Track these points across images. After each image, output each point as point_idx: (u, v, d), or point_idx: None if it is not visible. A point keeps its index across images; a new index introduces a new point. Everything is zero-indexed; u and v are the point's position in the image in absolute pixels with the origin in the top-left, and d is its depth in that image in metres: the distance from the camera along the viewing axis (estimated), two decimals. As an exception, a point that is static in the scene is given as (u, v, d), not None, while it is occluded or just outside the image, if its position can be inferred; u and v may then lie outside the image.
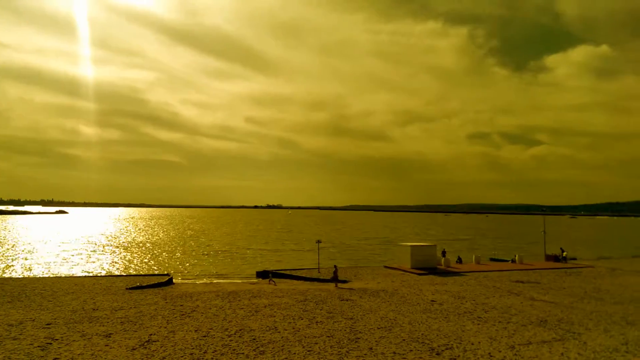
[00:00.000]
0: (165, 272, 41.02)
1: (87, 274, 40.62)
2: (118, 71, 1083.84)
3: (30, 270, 43.35)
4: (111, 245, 72.27)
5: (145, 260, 53.36)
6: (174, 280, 35.71)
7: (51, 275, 39.38)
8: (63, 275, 39.22)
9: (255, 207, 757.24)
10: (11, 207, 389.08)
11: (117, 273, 41.84)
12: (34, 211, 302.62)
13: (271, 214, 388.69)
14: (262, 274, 39.59)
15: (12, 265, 46.47)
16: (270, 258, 57.01)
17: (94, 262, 50.71)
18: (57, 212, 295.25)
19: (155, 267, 46.72)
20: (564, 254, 50.22)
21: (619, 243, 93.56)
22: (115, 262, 50.69)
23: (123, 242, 77.54)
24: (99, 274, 40.70)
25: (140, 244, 74.29)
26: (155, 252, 62.46)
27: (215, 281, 37.48)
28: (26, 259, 51.69)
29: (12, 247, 66.14)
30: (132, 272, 42.89)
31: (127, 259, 54.51)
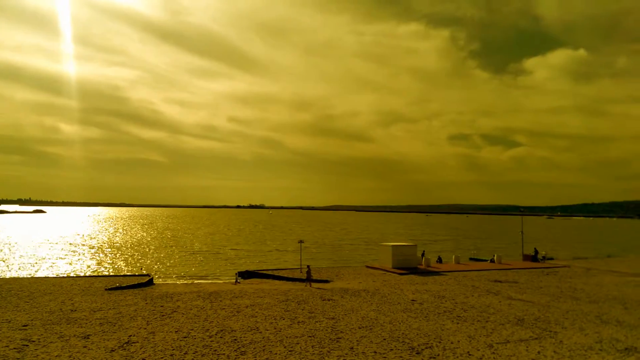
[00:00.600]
0: (146, 273, 40.57)
1: (65, 275, 39.90)
2: (100, 69, 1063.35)
3: (6, 270, 42.41)
4: (90, 245, 71.11)
5: (125, 260, 52.68)
6: (154, 281, 35.37)
7: (28, 276, 38.60)
8: (40, 276, 38.49)
9: (238, 207, 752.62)
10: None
11: (95, 274, 41.23)
12: (10, 210, 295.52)
13: (254, 214, 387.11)
14: (244, 274, 39.50)
15: (-13, 266, 45.40)
16: (253, 258, 56.83)
17: (72, 262, 49.85)
18: (34, 212, 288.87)
19: (135, 268, 46.16)
20: (543, 253, 51.38)
21: (594, 243, 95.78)
22: (94, 263, 49.92)
23: (102, 242, 76.37)
24: (77, 275, 40.02)
25: (120, 244, 73.27)
26: (136, 252, 61.69)
27: (196, 281, 37.22)
28: (1, 260, 50.56)
29: (-13, 247, 64.57)
30: (111, 272, 42.32)
31: (106, 259, 53.73)
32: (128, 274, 40.58)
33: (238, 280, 35.30)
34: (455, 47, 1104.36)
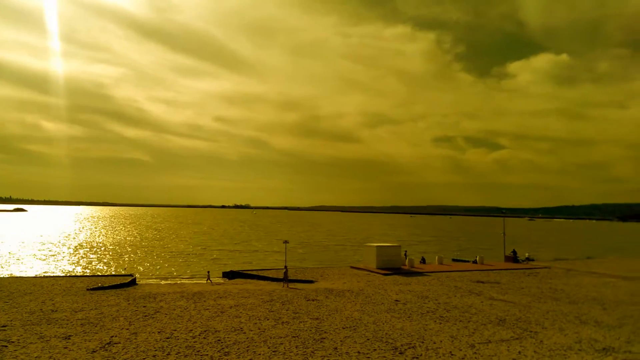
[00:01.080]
0: (128, 273, 40.11)
1: (45, 275, 39.26)
2: (84, 66, 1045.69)
3: (-16, 270, 41.56)
4: (72, 245, 70.06)
5: (108, 260, 52.03)
6: (137, 281, 34.99)
7: (7, 276, 37.85)
8: (20, 276, 37.80)
9: (223, 207, 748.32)
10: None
11: (77, 273, 40.63)
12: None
13: (238, 214, 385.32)
14: (229, 275, 39.33)
15: (-36, 265, 44.44)
16: (238, 259, 56.60)
17: (53, 262, 49.07)
18: (15, 210, 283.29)
19: (117, 268, 45.62)
20: (527, 254, 52.34)
21: (574, 245, 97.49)
22: (76, 263, 49.21)
23: (84, 242, 75.30)
24: (58, 275, 39.37)
25: (103, 244, 72.33)
26: (118, 252, 60.97)
27: (179, 282, 36.93)
28: (-21, 259, 49.52)
29: (-36, 246, 63.19)
30: (93, 272, 41.75)
31: (88, 259, 53.00)
32: (110, 274, 40.10)
33: (210, 280, 35.37)
34: (440, 50, 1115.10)
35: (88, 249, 63.29)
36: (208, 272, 37.79)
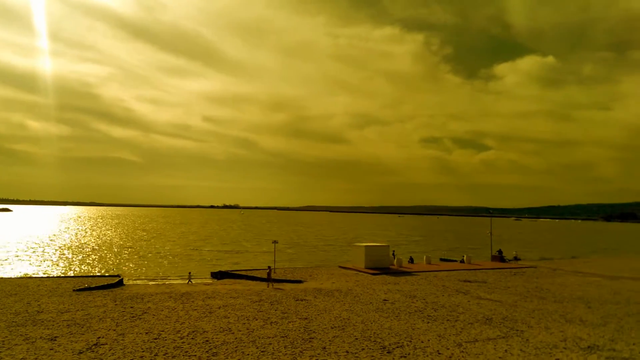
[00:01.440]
0: (115, 273, 39.74)
1: (31, 275, 38.74)
2: (70, 65, 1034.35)
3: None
4: (58, 245, 69.18)
5: (94, 261, 51.49)
6: (124, 282, 34.69)
7: (-10, 277, 37.28)
8: (5, 276, 37.22)
9: (212, 206, 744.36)
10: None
11: (63, 274, 40.14)
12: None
13: (227, 214, 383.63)
14: (217, 275, 39.17)
15: (-53, 266, 43.63)
16: (227, 259, 56.38)
17: (38, 262, 48.43)
18: (0, 210, 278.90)
19: (104, 268, 45.17)
20: (514, 253, 53.07)
21: (560, 245, 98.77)
22: (62, 263, 48.62)
23: (71, 242, 74.40)
24: (44, 275, 38.89)
25: (90, 244, 71.54)
26: (105, 252, 60.36)
27: (168, 282, 36.68)
28: (-38, 260, 48.70)
29: (-53, 246, 62.05)
30: (79, 273, 41.28)
31: (74, 259, 52.39)
32: (97, 274, 39.69)
33: (190, 281, 35.21)
34: (428, 51, 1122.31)
35: (74, 250, 62.54)
36: (189, 272, 37.61)
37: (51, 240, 77.66)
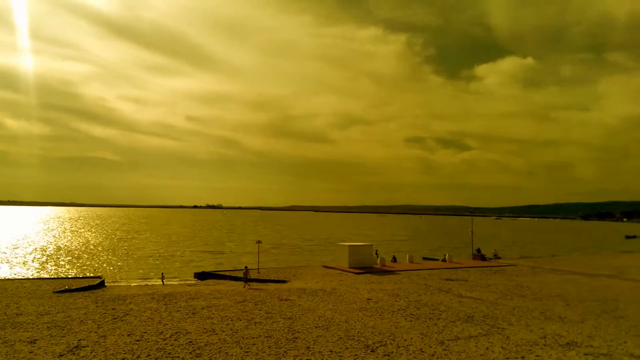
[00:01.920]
0: (97, 275, 39.17)
1: (10, 277, 37.94)
2: (51, 62, 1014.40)
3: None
4: (38, 246, 67.85)
5: (75, 262, 50.66)
6: (105, 283, 34.23)
7: (-34, 279, 36.43)
8: (-20, 279, 36.41)
9: (195, 207, 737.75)
10: None
11: (43, 276, 39.43)
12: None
13: (210, 214, 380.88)
14: (201, 276, 38.92)
15: None
16: (210, 259, 56.03)
17: (17, 264, 47.45)
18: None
19: (85, 270, 44.48)
20: (494, 251, 53.87)
21: (539, 243, 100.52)
22: (42, 264, 47.72)
23: (51, 243, 73.04)
24: (23, 277, 38.14)
25: (70, 245, 70.34)
26: (87, 253, 59.43)
27: (150, 283, 36.33)
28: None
29: None
30: (60, 274, 40.59)
31: (55, 261, 51.47)
32: (78, 276, 39.07)
33: (163, 282, 35.02)
34: (411, 52, 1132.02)
35: (54, 251, 61.44)
36: (162, 273, 37.22)
37: (31, 241, 76.13)
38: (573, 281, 36.13)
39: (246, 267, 34.22)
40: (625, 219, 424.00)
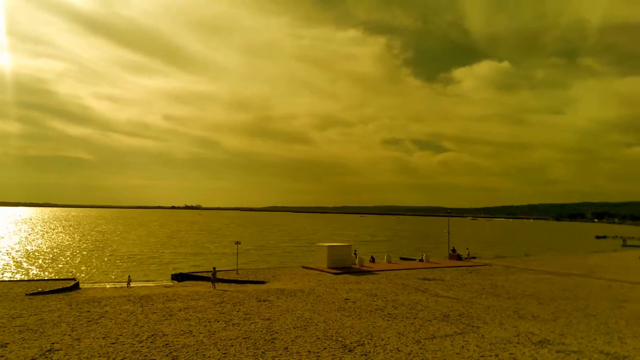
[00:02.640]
0: (71, 277, 38.38)
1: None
2: (24, 60, 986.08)
3: None
4: (9, 248, 66.03)
5: (49, 264, 49.50)
6: (80, 285, 33.58)
7: None
8: (-52, 282, 35.30)
9: (173, 207, 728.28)
10: None
11: (15, 278, 38.43)
12: None
13: (187, 215, 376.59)
14: (178, 277, 38.53)
15: None
16: (188, 261, 55.45)
17: (-15, 266, 46.11)
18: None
19: (59, 272, 43.52)
20: (466, 249, 54.98)
21: (513, 243, 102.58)
22: (14, 267, 46.48)
23: (23, 245, 71.15)
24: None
25: (44, 247, 68.66)
26: (60, 255, 58.12)
27: (126, 285, 35.77)
28: None
29: None
30: (32, 276, 39.63)
31: (27, 262, 50.19)
32: (51, 278, 38.22)
33: (129, 284, 34.61)
34: (390, 54, 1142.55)
35: (27, 253, 59.90)
36: (129, 276, 36.57)
37: (2, 242, 74.02)
38: (546, 280, 37.01)
39: (214, 268, 34.22)
40: (595, 220, 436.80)
